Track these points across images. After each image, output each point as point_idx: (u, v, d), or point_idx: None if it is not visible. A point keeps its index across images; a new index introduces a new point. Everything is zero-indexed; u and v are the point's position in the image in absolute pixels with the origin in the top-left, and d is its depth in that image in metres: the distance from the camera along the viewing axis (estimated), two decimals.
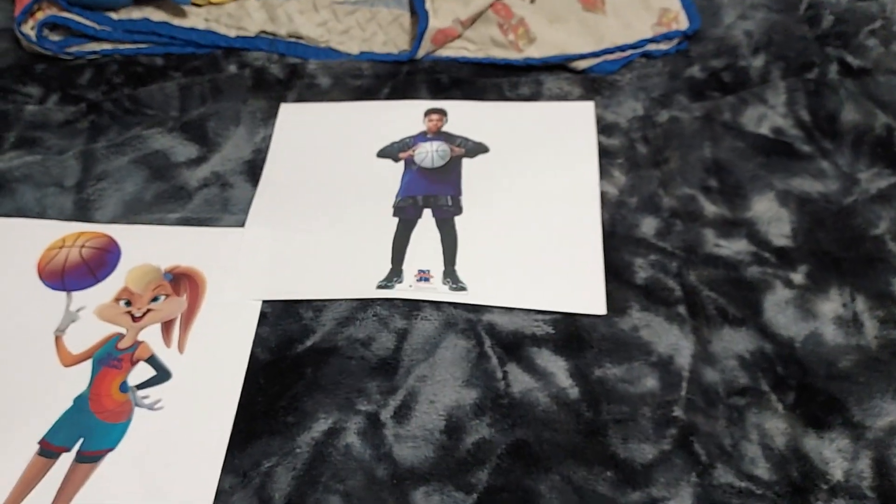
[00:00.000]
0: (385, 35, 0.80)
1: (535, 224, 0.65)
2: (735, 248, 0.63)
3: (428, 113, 0.74)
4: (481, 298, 0.60)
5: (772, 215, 0.64)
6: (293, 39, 0.80)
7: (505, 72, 0.77)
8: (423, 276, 0.61)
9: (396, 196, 0.67)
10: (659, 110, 0.72)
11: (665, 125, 0.71)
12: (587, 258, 0.62)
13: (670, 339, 0.58)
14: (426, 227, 0.65)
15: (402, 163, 0.70)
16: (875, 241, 0.62)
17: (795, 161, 0.68)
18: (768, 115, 0.71)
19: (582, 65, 0.75)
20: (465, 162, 0.69)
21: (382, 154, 0.71)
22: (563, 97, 0.74)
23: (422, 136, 0.72)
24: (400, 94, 0.76)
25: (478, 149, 0.70)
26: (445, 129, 0.72)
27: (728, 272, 0.61)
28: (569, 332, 0.58)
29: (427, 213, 0.66)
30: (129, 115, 0.75)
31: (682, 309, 0.59)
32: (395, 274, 0.62)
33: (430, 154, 0.70)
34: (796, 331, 0.58)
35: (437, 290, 0.60)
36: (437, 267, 0.62)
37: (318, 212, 0.66)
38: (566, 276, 0.61)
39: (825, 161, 0.68)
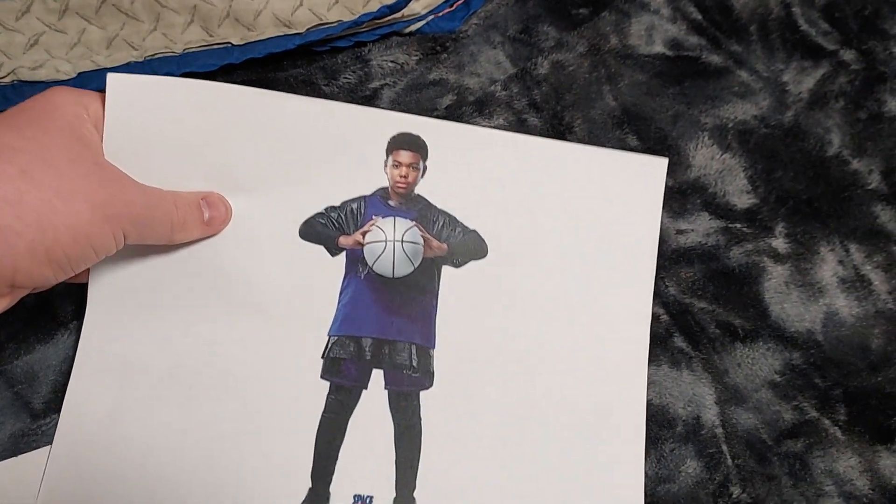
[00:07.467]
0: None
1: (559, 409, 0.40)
2: (700, 227, 0.48)
3: (395, 147, 0.40)
4: None
5: (718, 165, 0.50)
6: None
7: (302, 54, 0.51)
8: None
9: (329, 331, 0.39)
10: (535, 58, 0.52)
11: (550, 78, 0.52)
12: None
13: (685, 391, 0.43)
14: (372, 411, 0.39)
15: (341, 257, 0.40)
16: (838, 163, 0.50)
17: (712, 80, 0.53)
18: (657, 25, 0.55)
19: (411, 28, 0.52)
20: (447, 272, 0.40)
21: (309, 234, 0.39)
22: (399, 72, 0.51)
23: (379, 203, 0.40)
24: None
25: (468, 248, 0.40)
26: (421, 188, 0.40)
27: (708, 266, 0.47)
28: None
29: (377, 378, 0.39)
30: None
31: (680, 340, 0.45)
32: (316, 501, 0.38)
33: (391, 248, 0.39)
34: (811, 318, 0.46)
35: None
36: (384, 490, 0.38)
37: (176, 367, 0.39)
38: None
39: (743, 70, 0.54)
